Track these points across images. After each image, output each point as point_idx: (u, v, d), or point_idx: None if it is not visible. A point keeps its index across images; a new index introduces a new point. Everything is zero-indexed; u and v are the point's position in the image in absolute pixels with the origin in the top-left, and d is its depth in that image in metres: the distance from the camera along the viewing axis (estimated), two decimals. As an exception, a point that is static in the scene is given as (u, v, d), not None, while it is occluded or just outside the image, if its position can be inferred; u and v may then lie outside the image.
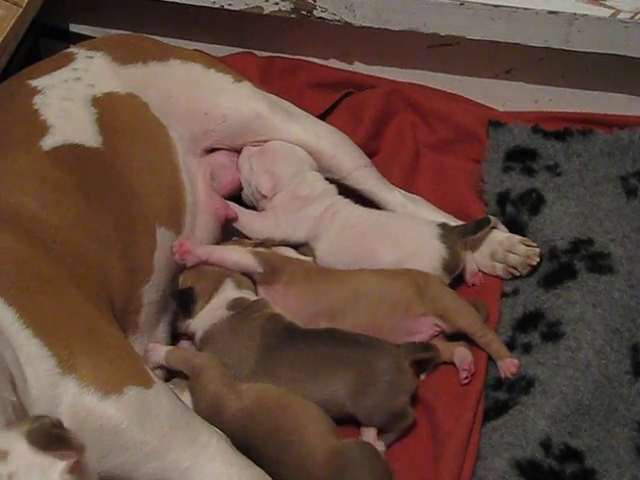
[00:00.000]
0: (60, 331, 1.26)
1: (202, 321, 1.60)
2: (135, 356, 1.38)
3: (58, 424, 1.01)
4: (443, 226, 1.75)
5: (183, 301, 1.61)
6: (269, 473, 1.35)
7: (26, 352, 1.21)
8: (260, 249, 1.70)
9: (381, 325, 1.63)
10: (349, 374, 1.51)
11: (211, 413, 1.44)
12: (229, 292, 1.63)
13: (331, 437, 1.42)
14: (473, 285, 1.76)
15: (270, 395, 1.48)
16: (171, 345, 1.63)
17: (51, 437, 1.00)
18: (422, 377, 1.59)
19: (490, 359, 1.62)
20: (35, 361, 1.22)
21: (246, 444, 1.39)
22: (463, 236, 1.75)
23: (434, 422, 1.53)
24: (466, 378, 1.58)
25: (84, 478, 1.01)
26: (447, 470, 1.43)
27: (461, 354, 1.61)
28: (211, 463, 1.30)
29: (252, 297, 1.63)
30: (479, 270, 1.77)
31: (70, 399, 1.23)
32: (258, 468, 1.34)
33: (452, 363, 1.62)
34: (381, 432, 1.51)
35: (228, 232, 1.80)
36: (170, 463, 1.28)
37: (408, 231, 1.75)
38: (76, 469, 1.00)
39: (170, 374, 1.56)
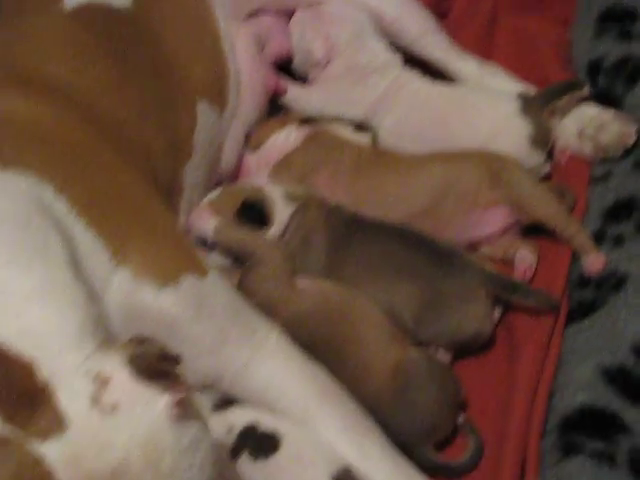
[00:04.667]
0: (112, 218, 1.23)
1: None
2: (188, 242, 1.36)
3: (162, 353, 1.00)
4: (524, 97, 1.68)
5: (255, 213, 1.54)
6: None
7: (82, 246, 1.18)
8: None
9: (445, 218, 1.56)
10: (413, 288, 1.44)
11: (264, 312, 1.38)
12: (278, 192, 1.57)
13: (394, 348, 1.37)
14: (559, 165, 1.69)
15: (330, 299, 1.43)
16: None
17: (155, 367, 0.98)
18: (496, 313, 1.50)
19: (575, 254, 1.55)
20: (91, 255, 1.19)
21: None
22: (549, 101, 1.68)
23: (509, 326, 1.48)
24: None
25: (188, 412, 1.00)
26: (524, 378, 1.38)
27: (523, 256, 1.54)
28: (270, 360, 1.28)
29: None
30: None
31: (124, 292, 1.20)
32: (321, 367, 1.31)
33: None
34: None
35: (275, 108, 1.77)
36: (227, 359, 1.26)
37: (486, 109, 1.68)
38: (181, 403, 0.98)
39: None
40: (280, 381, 1.27)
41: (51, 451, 0.94)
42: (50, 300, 1.06)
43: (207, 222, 1.49)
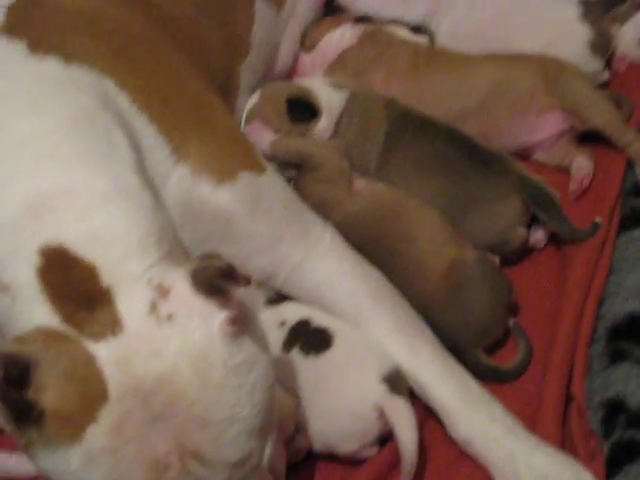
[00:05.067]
0: (172, 114, 1.22)
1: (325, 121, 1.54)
2: (245, 139, 1.34)
3: (226, 269, 0.98)
4: (585, 3, 1.63)
5: (297, 109, 1.53)
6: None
7: (144, 142, 1.18)
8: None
9: (499, 120, 1.55)
10: (448, 185, 1.44)
11: (318, 213, 1.38)
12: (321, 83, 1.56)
13: (449, 248, 1.36)
14: (617, 73, 1.66)
15: (383, 199, 1.43)
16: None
17: (217, 283, 0.98)
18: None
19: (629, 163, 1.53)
20: (152, 151, 1.19)
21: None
22: (610, 8, 1.64)
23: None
24: (575, 192, 1.51)
25: (244, 331, 0.99)
26: (574, 284, 1.37)
27: (580, 164, 1.53)
28: (324, 259, 1.29)
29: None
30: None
31: (183, 188, 1.20)
32: (374, 267, 1.32)
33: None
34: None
35: (330, 9, 1.74)
36: (281, 256, 1.27)
37: (547, 13, 1.64)
38: (237, 321, 0.98)
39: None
40: (333, 280, 1.29)
41: (103, 351, 0.95)
42: (117, 204, 1.05)
43: (262, 137, 1.48)
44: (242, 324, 0.98)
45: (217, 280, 0.97)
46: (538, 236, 1.46)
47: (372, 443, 1.22)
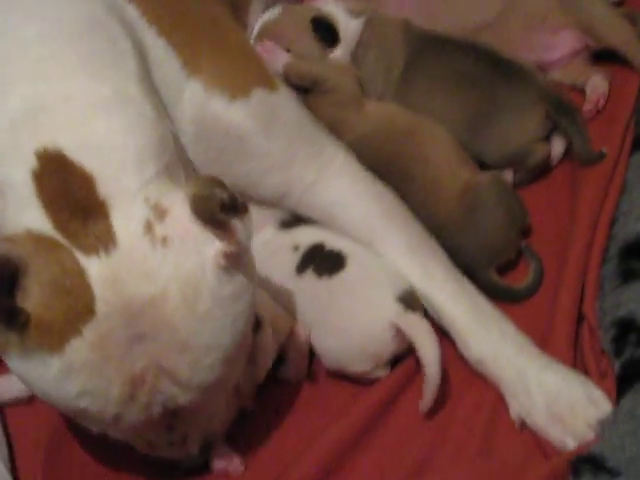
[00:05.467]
0: (183, 28, 1.21)
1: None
2: (258, 56, 1.33)
3: (228, 202, 0.98)
4: None
5: (323, 29, 1.51)
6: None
7: (153, 55, 1.17)
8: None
9: (513, 36, 1.52)
10: (471, 97, 1.43)
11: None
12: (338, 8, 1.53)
13: (463, 170, 1.36)
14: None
15: (396, 119, 1.42)
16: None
17: (217, 214, 0.97)
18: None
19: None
20: (162, 64, 1.18)
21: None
22: None
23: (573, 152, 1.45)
24: (589, 112, 1.49)
25: (236, 266, 1.00)
26: (587, 204, 1.37)
27: (595, 84, 1.51)
28: (337, 179, 1.29)
29: None
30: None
31: (196, 104, 1.20)
32: (388, 188, 1.32)
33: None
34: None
35: None
36: (294, 176, 1.27)
37: None
38: (231, 255, 0.98)
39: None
40: (346, 200, 1.29)
41: (94, 267, 0.95)
42: (118, 113, 1.03)
43: (275, 57, 1.46)
44: (236, 258, 0.99)
45: (218, 213, 0.97)
46: (557, 148, 1.45)
47: (384, 364, 1.24)
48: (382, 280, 1.23)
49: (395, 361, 1.25)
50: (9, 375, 1.26)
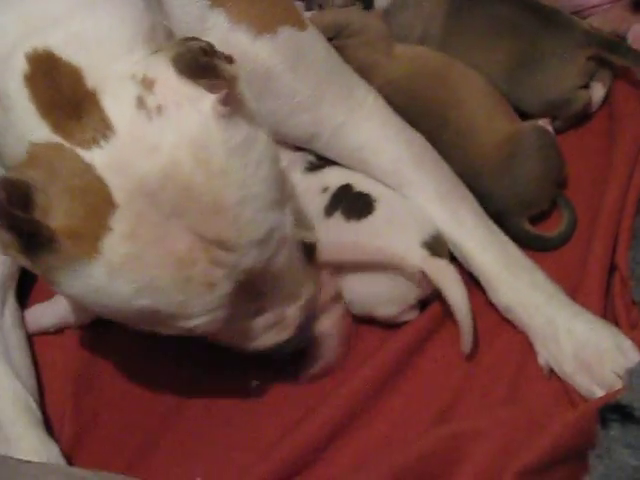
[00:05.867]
0: None
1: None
2: None
3: (208, 48, 0.95)
4: None
5: None
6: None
7: None
8: None
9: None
10: (511, 45, 1.41)
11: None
12: None
13: (500, 116, 1.35)
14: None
15: (428, 62, 1.40)
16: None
17: (200, 64, 0.95)
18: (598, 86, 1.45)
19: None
20: None
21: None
22: None
23: (610, 101, 1.44)
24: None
25: (237, 111, 0.98)
26: (622, 155, 1.34)
27: (637, 32, 1.47)
28: (367, 122, 1.27)
29: None
30: None
31: (220, 37, 1.16)
32: (418, 133, 1.30)
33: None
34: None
35: None
36: (323, 116, 1.25)
37: None
38: (229, 101, 0.96)
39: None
40: (376, 144, 1.27)
41: (98, 158, 0.92)
42: (105, 5, 0.99)
43: None
44: (234, 103, 0.96)
45: (201, 59, 0.94)
46: (597, 94, 1.43)
47: (412, 307, 1.24)
48: (409, 225, 1.23)
49: (424, 304, 1.25)
50: (38, 305, 1.29)
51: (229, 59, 0.98)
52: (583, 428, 1.06)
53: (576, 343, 1.17)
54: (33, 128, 0.95)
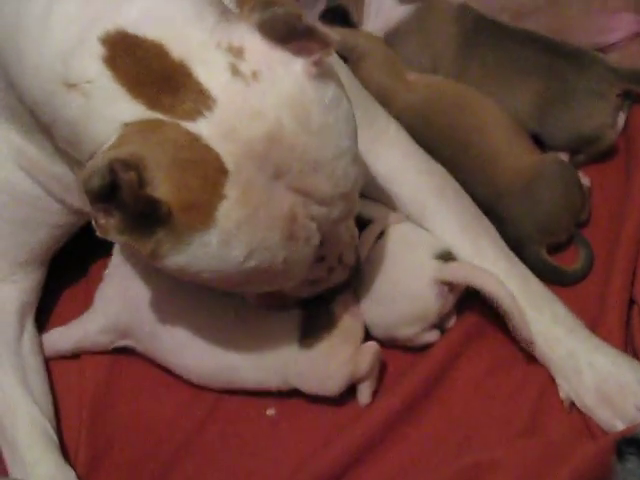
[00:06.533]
0: None
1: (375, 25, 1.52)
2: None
3: (295, 14, 0.96)
4: None
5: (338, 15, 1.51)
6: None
7: None
8: None
9: (569, 21, 1.51)
10: (539, 85, 1.42)
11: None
12: None
13: (520, 142, 1.36)
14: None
15: (445, 89, 1.41)
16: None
17: (286, 27, 0.96)
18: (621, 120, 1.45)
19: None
20: None
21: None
22: None
23: (628, 135, 1.44)
24: None
25: (327, 72, 1.00)
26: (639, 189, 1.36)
27: None
28: (389, 151, 1.28)
29: None
30: None
31: None
32: (439, 164, 1.31)
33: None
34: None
35: None
36: None
37: None
38: (319, 62, 0.98)
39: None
40: (398, 173, 1.28)
41: (204, 128, 0.93)
42: None
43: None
44: (322, 62, 0.98)
45: (298, 23, 0.96)
46: (619, 124, 1.44)
47: (432, 326, 1.24)
48: (418, 242, 1.24)
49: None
50: (55, 330, 1.29)
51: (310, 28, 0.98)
52: (602, 461, 1.06)
53: (598, 376, 1.17)
54: (124, 109, 0.95)
